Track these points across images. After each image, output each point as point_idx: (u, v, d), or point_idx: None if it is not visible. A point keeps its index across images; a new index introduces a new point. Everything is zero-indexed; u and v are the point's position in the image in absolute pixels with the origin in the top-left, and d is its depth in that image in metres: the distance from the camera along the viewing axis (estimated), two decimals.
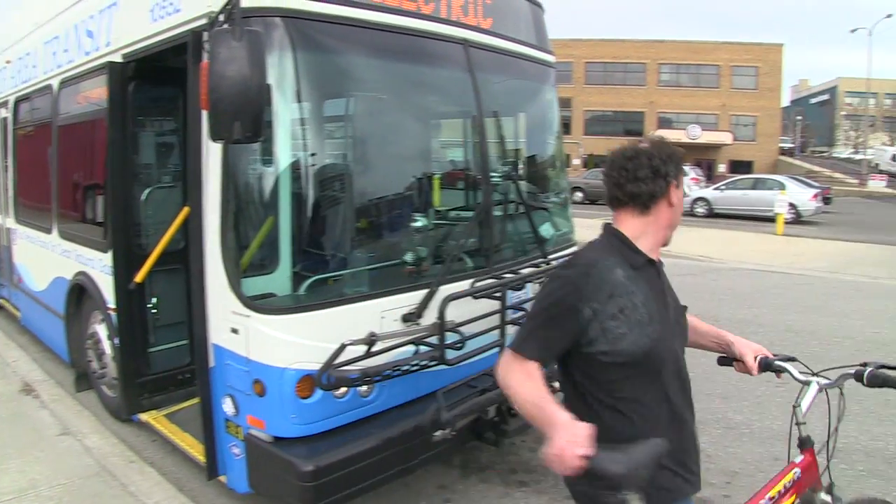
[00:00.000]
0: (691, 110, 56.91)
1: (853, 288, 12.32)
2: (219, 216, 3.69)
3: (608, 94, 58.12)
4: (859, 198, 43.30)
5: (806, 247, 16.99)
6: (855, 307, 10.62)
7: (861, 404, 6.29)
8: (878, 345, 8.28)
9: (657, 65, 57.76)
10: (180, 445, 4.77)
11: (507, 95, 5.34)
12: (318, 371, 3.34)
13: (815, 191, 27.38)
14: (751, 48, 56.89)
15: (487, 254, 4.63)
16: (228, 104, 3.05)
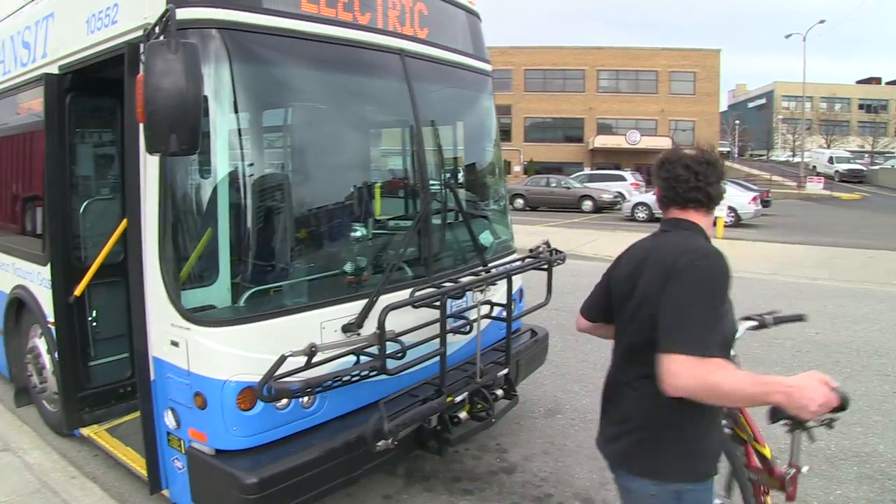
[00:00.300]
0: (630, 116, 57.79)
1: (793, 289, 12.63)
2: (157, 228, 3.67)
3: (548, 100, 58.73)
4: (798, 200, 44.38)
5: (746, 249, 17.35)
6: (795, 308, 10.81)
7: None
8: (818, 345, 8.51)
9: (596, 71, 58.51)
10: (122, 460, 4.71)
11: (445, 104, 5.42)
12: (259, 383, 3.33)
13: (754, 194, 27.97)
14: (688, 54, 57.94)
15: (427, 263, 4.67)
16: (164, 117, 3.04)
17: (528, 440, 5.34)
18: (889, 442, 5.69)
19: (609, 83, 59.01)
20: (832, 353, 8.10)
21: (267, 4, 3.77)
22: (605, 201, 33.36)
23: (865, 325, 9.97)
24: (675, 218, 2.68)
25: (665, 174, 2.67)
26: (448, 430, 4.39)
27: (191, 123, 3.11)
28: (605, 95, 58.50)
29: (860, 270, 14.79)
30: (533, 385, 6.80)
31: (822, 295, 12.05)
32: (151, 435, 4.02)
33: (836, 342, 8.76)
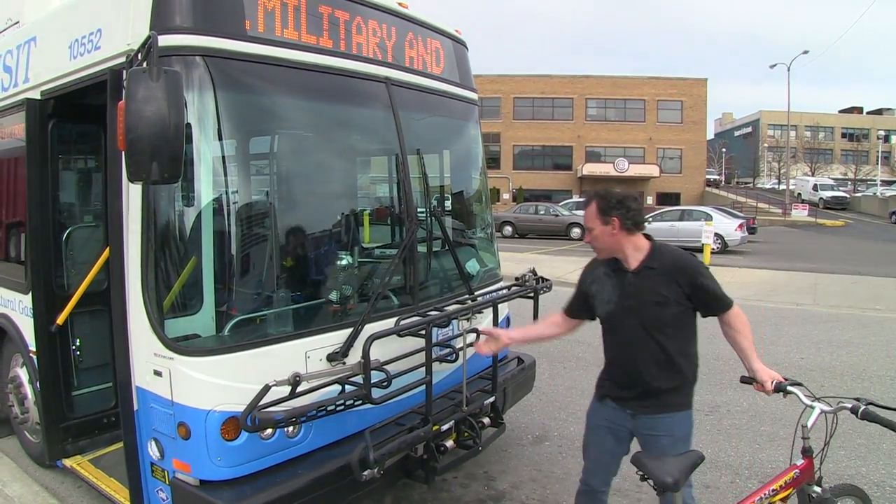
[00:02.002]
0: (619, 144, 58.32)
1: (778, 315, 12.69)
2: (140, 256, 3.64)
3: (536, 128, 59.23)
4: (783, 227, 44.79)
5: (732, 276, 17.43)
6: (780, 334, 10.96)
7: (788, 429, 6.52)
8: (801, 370, 8.55)
9: (584, 100, 59.06)
10: (106, 491, 4.64)
11: (431, 132, 5.42)
12: (243, 413, 3.30)
13: (741, 221, 28.22)
14: (675, 83, 58.63)
15: (412, 291, 4.66)
16: (146, 144, 3.02)
17: (516, 468, 5.31)
18: (871, 464, 5.76)
19: (597, 111, 59.52)
20: (816, 378, 8.13)
21: (251, 32, 3.77)
22: None
23: (848, 349, 10.07)
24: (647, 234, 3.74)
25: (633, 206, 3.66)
26: (435, 458, 4.36)
27: (172, 152, 3.09)
28: (593, 123, 59.01)
29: (843, 296, 14.94)
30: (520, 412, 6.77)
31: (806, 320, 12.13)
32: (135, 466, 3.96)
33: (819, 367, 8.81)
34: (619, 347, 3.77)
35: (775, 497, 3.35)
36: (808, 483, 3.42)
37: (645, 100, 58.40)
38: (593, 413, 3.96)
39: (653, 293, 3.58)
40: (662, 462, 3.11)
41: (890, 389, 8.01)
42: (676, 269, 3.59)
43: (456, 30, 5.54)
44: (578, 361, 9.12)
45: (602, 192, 3.73)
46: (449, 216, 5.65)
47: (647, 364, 3.62)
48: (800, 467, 3.40)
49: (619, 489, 5.25)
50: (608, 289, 3.74)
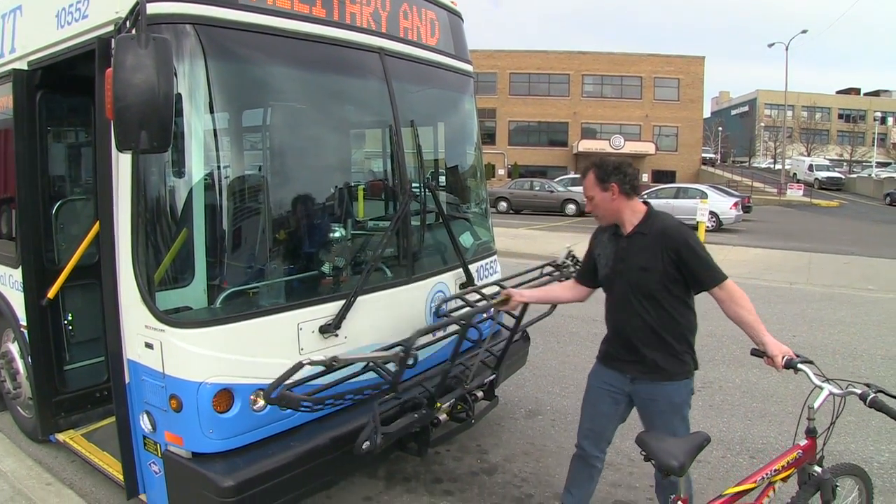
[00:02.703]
0: (615, 121, 58.20)
1: (772, 293, 12.72)
2: (130, 228, 3.60)
3: (532, 104, 59.03)
4: (778, 206, 44.78)
5: (727, 254, 17.43)
6: (774, 312, 10.98)
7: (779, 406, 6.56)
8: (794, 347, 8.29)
9: (581, 76, 58.81)
10: (99, 465, 4.64)
11: (425, 104, 5.37)
12: (270, 386, 3.25)
13: (736, 199, 28.22)
14: (673, 60, 58.39)
15: (406, 263, 4.65)
16: (134, 113, 2.97)
17: (509, 441, 5.33)
18: (860, 441, 5.81)
19: (594, 88, 59.31)
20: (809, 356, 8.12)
21: (242, 0, 3.71)
22: None
23: (841, 328, 10.12)
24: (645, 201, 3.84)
25: (629, 171, 3.79)
26: (428, 431, 4.36)
27: (161, 120, 3.05)
28: (589, 100, 58.80)
29: (837, 275, 14.98)
30: (514, 386, 6.79)
31: (799, 299, 12.17)
32: (127, 439, 3.95)
33: (812, 345, 8.83)
34: (613, 311, 3.90)
35: (777, 477, 3.37)
36: (809, 463, 3.42)
37: (642, 77, 58.21)
38: (594, 374, 4.06)
39: (639, 258, 3.68)
40: (668, 444, 3.09)
41: (881, 368, 8.06)
42: (664, 236, 3.63)
43: (451, 0, 5.47)
44: (572, 336, 9.15)
45: (598, 160, 3.85)
46: (443, 189, 5.63)
47: (637, 331, 3.73)
48: (803, 448, 3.40)
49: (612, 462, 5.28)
50: (607, 253, 3.86)
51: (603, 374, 3.97)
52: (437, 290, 4.94)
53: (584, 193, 3.88)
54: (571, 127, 59.01)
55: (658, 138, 58.02)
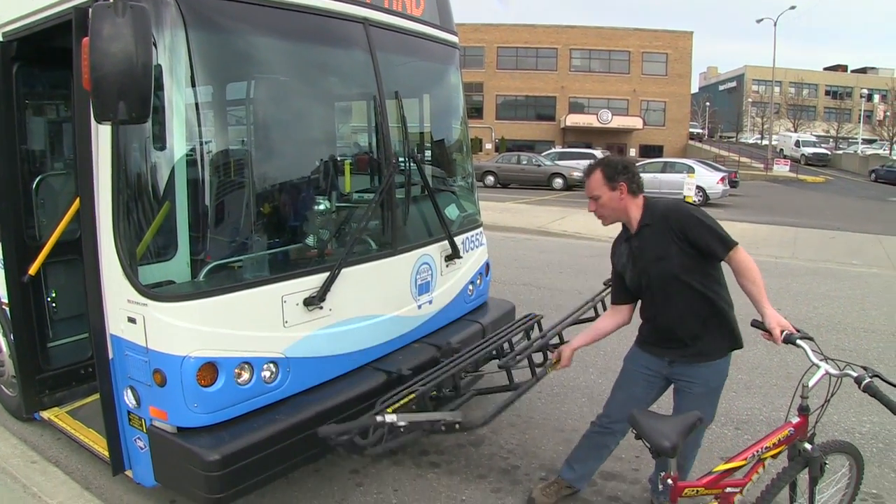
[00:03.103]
0: (602, 95, 58.08)
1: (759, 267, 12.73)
2: (111, 202, 3.55)
3: (520, 78, 58.82)
4: (765, 181, 44.98)
5: None
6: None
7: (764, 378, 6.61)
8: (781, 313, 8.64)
9: (568, 50, 58.57)
10: (84, 442, 4.62)
11: (410, 76, 5.32)
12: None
13: (723, 174, 28.29)
14: (661, 35, 58.26)
15: (390, 235, 4.63)
16: (112, 83, 2.90)
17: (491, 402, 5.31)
18: (842, 412, 5.84)
19: (581, 62, 59.14)
20: None
21: None
22: (575, 179, 33.44)
23: (825, 302, 10.22)
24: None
25: (635, 170, 3.82)
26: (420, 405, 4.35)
27: (140, 91, 2.98)
28: (577, 74, 58.66)
29: (822, 250, 15.08)
30: None
31: (785, 273, 12.23)
32: (112, 415, 3.93)
33: (797, 318, 8.87)
34: (648, 308, 3.91)
35: (767, 454, 3.38)
36: (799, 440, 3.41)
37: (630, 51, 58.03)
38: (631, 358, 4.11)
39: (653, 250, 3.70)
40: (660, 424, 3.06)
41: (864, 341, 8.12)
42: (666, 219, 3.65)
43: None
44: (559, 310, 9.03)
45: (605, 159, 3.87)
46: (428, 162, 5.60)
47: (675, 321, 3.75)
48: (794, 425, 3.40)
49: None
50: (624, 258, 3.89)
51: (640, 358, 4.02)
52: (422, 262, 4.93)
53: (589, 193, 3.85)
54: (559, 101, 58.87)
55: (646, 113, 58.04)
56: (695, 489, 3.25)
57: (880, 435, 5.50)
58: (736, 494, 3.33)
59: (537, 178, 34.63)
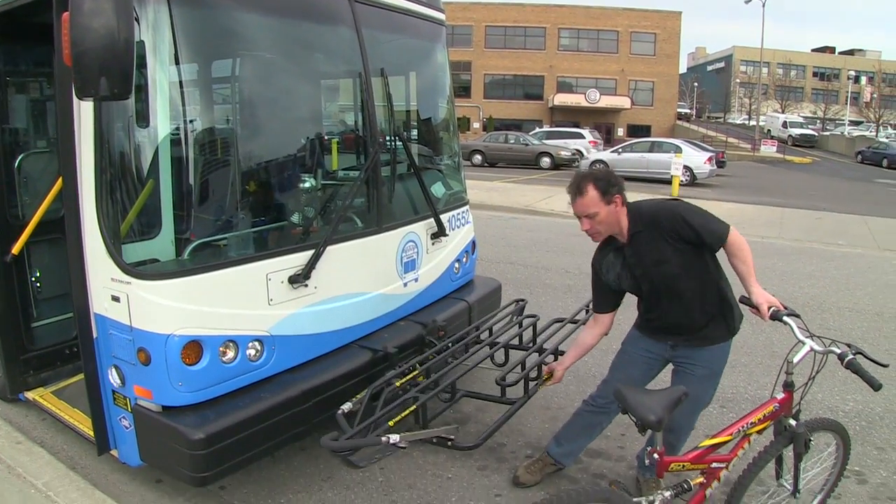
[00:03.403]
0: (591, 75, 57.93)
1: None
2: (94, 180, 3.51)
3: (508, 58, 58.60)
4: (752, 162, 45.09)
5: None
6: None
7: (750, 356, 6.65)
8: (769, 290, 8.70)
9: (557, 29, 58.31)
10: (70, 422, 4.60)
11: (396, 53, 5.27)
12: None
13: (710, 154, 28.30)
14: (649, 15, 58.08)
15: (376, 213, 4.62)
16: (93, 59, 2.85)
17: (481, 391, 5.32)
18: (826, 391, 5.91)
19: (570, 42, 58.91)
20: None
21: None
22: (563, 158, 33.46)
23: (811, 282, 10.26)
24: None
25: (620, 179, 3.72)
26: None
27: (122, 66, 2.92)
28: (565, 54, 58.46)
29: (808, 230, 15.16)
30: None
31: (771, 253, 12.26)
32: (96, 394, 3.91)
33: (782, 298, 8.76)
34: (653, 308, 3.86)
35: (753, 429, 3.40)
36: (784, 416, 3.45)
37: (618, 31, 57.87)
38: (631, 341, 4.11)
39: (649, 255, 3.66)
40: (646, 399, 3.06)
41: (848, 321, 8.18)
42: (656, 223, 3.62)
43: None
44: (545, 288, 9.20)
45: (590, 174, 3.70)
46: (414, 139, 5.58)
47: (681, 315, 3.75)
48: (779, 401, 3.41)
49: None
50: (618, 268, 3.83)
51: (640, 342, 4.02)
52: (408, 240, 4.93)
53: (584, 212, 3.66)
54: (547, 81, 58.70)
55: (634, 93, 58.01)
56: (681, 464, 3.26)
57: (863, 413, 5.55)
58: (722, 470, 3.35)
59: (525, 157, 34.54)
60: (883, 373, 3.25)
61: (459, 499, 4.29)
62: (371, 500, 4.23)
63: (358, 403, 3.84)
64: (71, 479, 4.17)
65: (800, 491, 3.62)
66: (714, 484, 3.36)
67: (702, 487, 3.34)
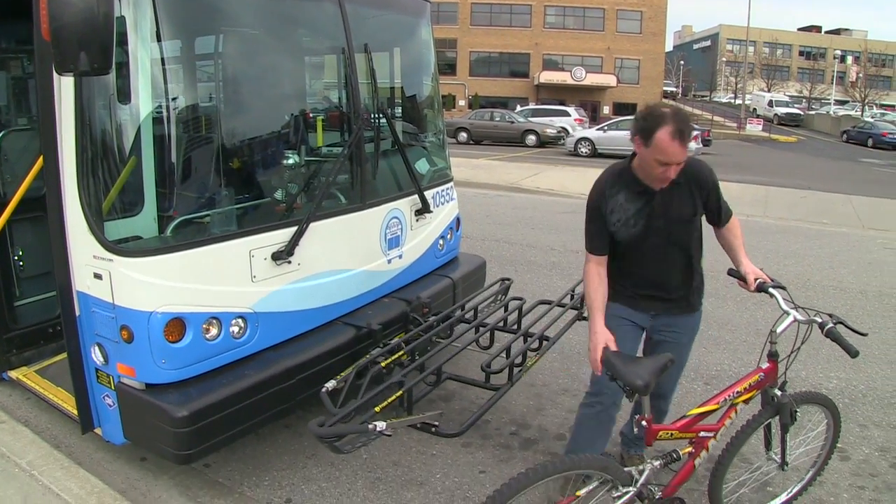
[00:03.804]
0: (576, 52, 57.78)
1: None
2: (75, 157, 3.47)
3: (494, 35, 58.31)
4: (737, 140, 45.20)
5: None
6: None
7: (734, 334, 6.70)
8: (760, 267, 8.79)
9: (543, 7, 58.04)
10: (54, 401, 4.58)
11: (380, 29, 5.21)
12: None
13: (696, 133, 28.30)
14: None
15: (360, 189, 4.61)
16: (72, 33, 2.81)
17: (466, 369, 5.34)
18: (811, 368, 5.98)
19: (556, 19, 58.63)
20: None
21: None
22: (548, 136, 33.43)
23: (795, 260, 10.36)
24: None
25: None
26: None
27: (101, 40, 2.88)
28: (551, 31, 58.19)
29: (793, 209, 15.24)
30: None
31: (756, 231, 12.31)
32: (80, 372, 3.90)
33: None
34: (643, 263, 3.68)
35: (739, 399, 3.41)
36: (770, 386, 3.47)
37: (604, 9, 57.60)
38: (611, 318, 3.63)
39: (678, 208, 3.53)
40: (634, 365, 3.09)
41: (832, 299, 8.25)
42: (696, 180, 3.53)
43: None
44: (530, 265, 9.23)
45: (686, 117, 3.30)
46: (398, 116, 5.56)
47: (672, 274, 3.71)
48: (764, 370, 3.44)
49: (569, 389, 5.37)
50: (632, 212, 3.53)
51: (620, 310, 3.78)
52: (391, 217, 4.93)
53: (681, 160, 3.27)
54: (533, 58, 58.50)
55: (620, 71, 57.92)
56: (669, 432, 3.29)
57: (846, 390, 5.61)
58: (710, 439, 3.37)
59: (510, 134, 34.48)
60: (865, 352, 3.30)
61: (444, 475, 4.32)
62: (356, 477, 4.26)
63: (342, 381, 3.84)
64: (55, 458, 4.15)
65: (788, 464, 3.68)
66: (703, 454, 3.38)
67: (690, 457, 3.36)
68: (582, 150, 29.22)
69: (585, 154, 28.92)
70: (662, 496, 3.34)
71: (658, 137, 3.19)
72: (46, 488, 3.81)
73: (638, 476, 3.12)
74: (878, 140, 43.03)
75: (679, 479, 3.37)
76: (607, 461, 3.08)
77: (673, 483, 3.37)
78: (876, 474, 4.39)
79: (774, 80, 75.14)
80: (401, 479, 4.26)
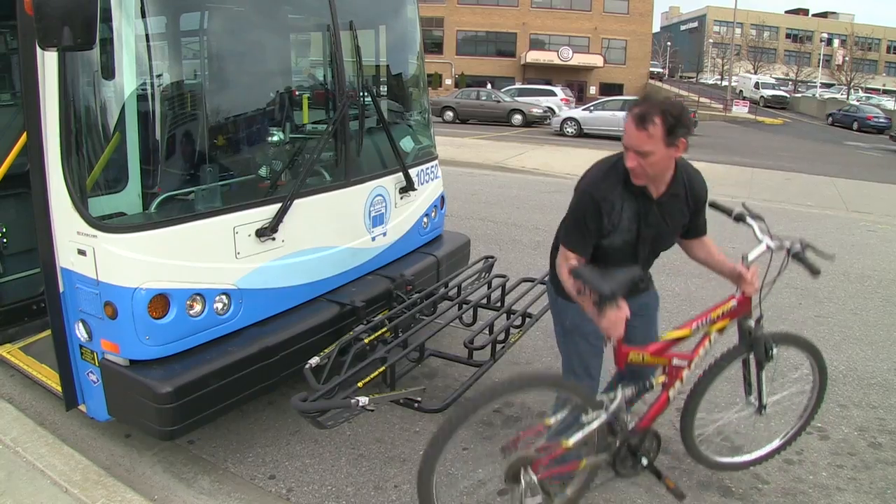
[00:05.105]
0: (563, 32, 57.43)
1: None
2: (58, 133, 3.45)
3: (481, 14, 57.77)
4: (723, 122, 45.22)
5: None
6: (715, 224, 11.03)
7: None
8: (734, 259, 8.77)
9: None
10: (38, 378, 4.58)
11: (365, 6, 5.21)
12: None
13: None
14: None
15: (343, 167, 4.62)
16: (55, 7, 2.80)
17: (449, 346, 5.39)
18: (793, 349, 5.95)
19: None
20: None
21: None
22: (534, 115, 33.32)
23: None
24: None
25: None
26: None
27: (85, 14, 2.88)
28: (538, 11, 57.82)
29: (778, 191, 15.31)
30: None
31: None
32: (64, 349, 3.90)
33: None
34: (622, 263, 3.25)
35: (713, 326, 3.37)
36: (745, 317, 3.46)
37: None
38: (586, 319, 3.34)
39: (673, 220, 3.30)
40: (602, 274, 2.97)
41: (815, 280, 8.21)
42: (694, 192, 3.32)
43: None
44: (514, 244, 9.25)
45: (664, 103, 2.93)
46: (383, 94, 5.56)
47: (646, 272, 3.54)
48: (737, 298, 3.40)
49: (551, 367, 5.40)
50: (627, 218, 3.18)
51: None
52: (376, 194, 4.94)
53: (635, 147, 2.95)
54: (520, 38, 58.12)
55: (606, 51, 57.72)
56: (640, 355, 3.24)
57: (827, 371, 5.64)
58: (684, 369, 3.36)
59: (496, 114, 34.30)
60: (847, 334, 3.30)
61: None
62: (339, 454, 4.28)
63: (325, 358, 3.87)
64: (39, 435, 4.15)
65: (765, 407, 3.69)
66: (677, 384, 3.37)
67: (664, 388, 3.36)
68: (568, 130, 29.19)
69: (571, 134, 28.88)
70: (637, 428, 3.35)
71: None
72: (30, 465, 3.81)
73: (609, 402, 3.14)
74: (863, 123, 43.21)
75: (654, 411, 3.37)
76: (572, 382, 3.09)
77: (648, 416, 3.37)
78: (854, 453, 4.44)
79: (761, 63, 75.37)
80: (384, 455, 4.28)
